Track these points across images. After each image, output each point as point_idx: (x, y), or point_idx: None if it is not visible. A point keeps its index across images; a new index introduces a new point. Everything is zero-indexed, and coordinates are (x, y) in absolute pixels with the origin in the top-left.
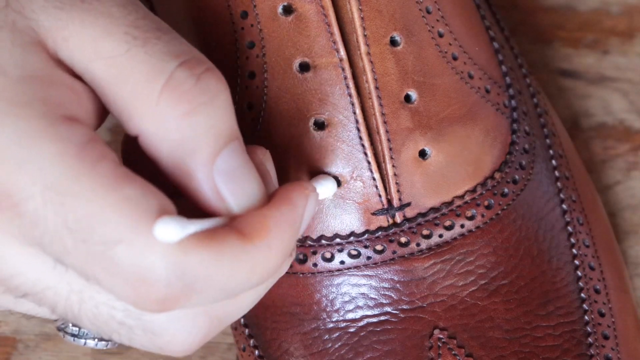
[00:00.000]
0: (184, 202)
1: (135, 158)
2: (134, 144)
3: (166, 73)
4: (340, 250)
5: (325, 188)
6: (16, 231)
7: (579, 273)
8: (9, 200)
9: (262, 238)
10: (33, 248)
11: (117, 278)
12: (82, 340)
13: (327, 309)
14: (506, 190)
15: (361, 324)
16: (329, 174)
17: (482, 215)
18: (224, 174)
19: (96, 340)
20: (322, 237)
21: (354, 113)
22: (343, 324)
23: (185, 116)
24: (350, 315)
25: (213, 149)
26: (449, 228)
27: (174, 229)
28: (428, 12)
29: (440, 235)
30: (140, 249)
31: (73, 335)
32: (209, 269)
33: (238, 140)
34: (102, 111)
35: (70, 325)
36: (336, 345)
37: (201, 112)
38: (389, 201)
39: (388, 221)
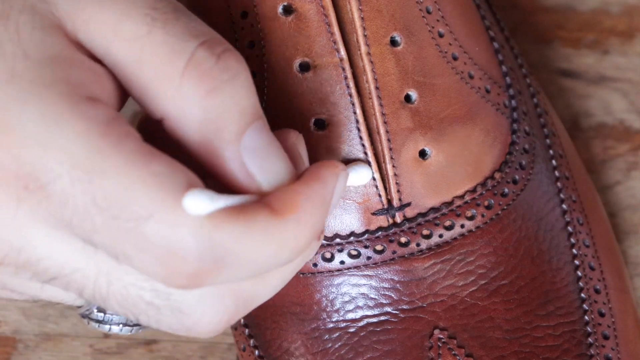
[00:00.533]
0: (211, 183)
1: (152, 143)
2: (150, 128)
3: (187, 53)
4: (340, 250)
5: (359, 174)
6: (44, 214)
7: (579, 273)
8: (37, 182)
9: (292, 213)
10: (61, 231)
11: (147, 254)
12: (107, 326)
13: (327, 309)
14: (506, 190)
15: (361, 324)
16: (359, 161)
17: (482, 215)
18: (251, 151)
19: (121, 325)
20: None
21: (354, 113)
22: (343, 324)
23: (209, 94)
24: (350, 315)
25: (239, 126)
26: (449, 228)
27: (203, 202)
28: (428, 12)
29: (441, 235)
30: (170, 223)
31: (98, 321)
32: (239, 243)
33: (262, 119)
34: (122, 95)
35: (95, 310)
36: (336, 345)
37: (224, 90)
38: (389, 201)
39: (388, 221)
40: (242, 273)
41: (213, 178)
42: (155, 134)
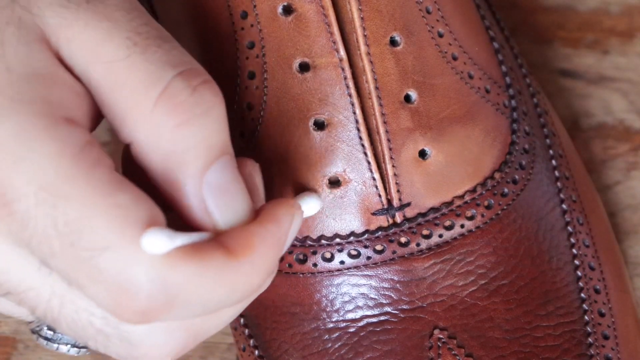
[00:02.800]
0: (174, 215)
1: (135, 167)
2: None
3: (163, 82)
4: (340, 250)
5: (309, 205)
6: (5, 231)
7: (579, 273)
8: (2, 198)
9: (247, 255)
10: (20, 248)
11: (100, 286)
12: (55, 345)
13: (327, 309)
14: (506, 190)
15: (361, 324)
16: (312, 191)
17: (482, 215)
18: (212, 188)
19: (69, 346)
20: (322, 237)
21: (354, 113)
22: (343, 324)
23: (179, 127)
24: (350, 315)
25: (203, 162)
26: (449, 228)
27: (161, 241)
28: (428, 12)
29: (440, 235)
30: (125, 258)
31: (47, 339)
32: (192, 284)
33: (229, 155)
34: (98, 115)
35: (45, 328)
36: (336, 345)
37: (194, 124)
38: (389, 201)
39: (388, 221)
40: (192, 312)
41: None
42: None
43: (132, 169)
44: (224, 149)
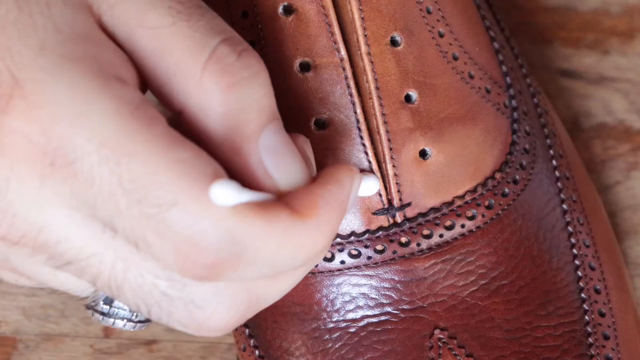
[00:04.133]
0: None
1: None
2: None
3: (209, 48)
4: (341, 250)
5: (368, 184)
6: (68, 193)
7: (580, 273)
8: (64, 159)
9: (312, 215)
10: (81, 213)
11: (167, 242)
12: (111, 320)
13: (328, 309)
14: (507, 190)
15: (361, 324)
16: (367, 171)
17: (483, 215)
18: (269, 150)
19: (125, 320)
20: None
21: (355, 113)
22: (343, 324)
23: (230, 89)
24: (350, 315)
25: (258, 124)
26: (450, 228)
27: (230, 193)
28: (428, 12)
29: (441, 235)
30: (193, 212)
31: (103, 313)
32: (260, 239)
33: (279, 120)
34: (142, 85)
35: (101, 303)
36: (336, 345)
37: (244, 86)
38: (390, 201)
39: (388, 221)
40: (258, 271)
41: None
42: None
43: None
44: (275, 113)
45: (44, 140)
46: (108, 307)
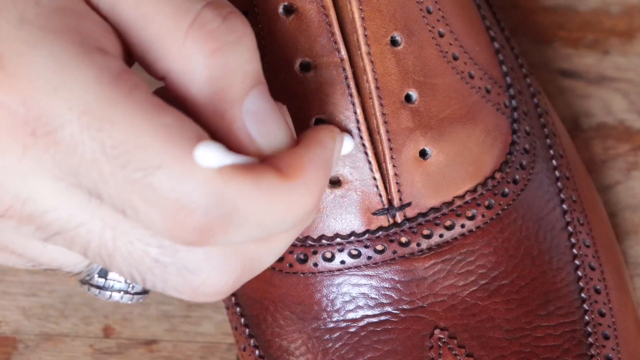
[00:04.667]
0: None
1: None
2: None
3: (193, 13)
4: (341, 250)
5: (345, 144)
6: (50, 162)
7: (580, 273)
8: (45, 128)
9: (298, 176)
10: (66, 182)
11: (154, 206)
12: (108, 293)
13: (328, 309)
14: (507, 190)
15: (362, 323)
16: (345, 131)
17: (483, 215)
18: (253, 114)
19: (122, 292)
20: (322, 236)
21: (355, 113)
22: (344, 324)
23: (214, 54)
24: (350, 315)
25: (242, 88)
26: (450, 228)
27: (215, 155)
28: (428, 12)
29: (441, 235)
30: (180, 175)
31: (98, 287)
32: (248, 201)
33: (263, 84)
34: (127, 57)
35: (96, 276)
36: (337, 345)
37: (228, 51)
38: (390, 201)
39: (389, 221)
40: (248, 234)
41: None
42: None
43: None
44: (259, 77)
45: (23, 110)
46: (103, 280)
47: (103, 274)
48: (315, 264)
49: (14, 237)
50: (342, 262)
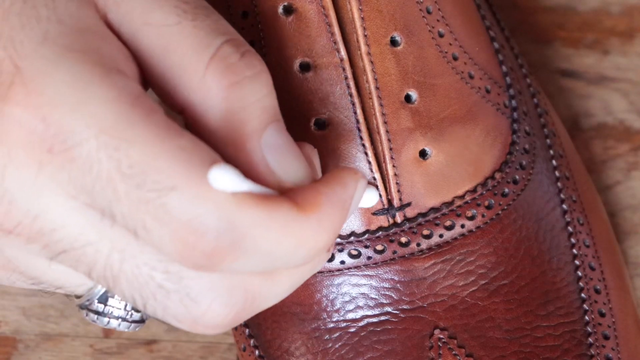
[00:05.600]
0: None
1: None
2: None
3: (213, 47)
4: (341, 250)
5: (369, 195)
6: (65, 180)
7: (579, 273)
8: (62, 145)
9: (314, 211)
10: (79, 200)
11: (166, 228)
12: (106, 319)
13: (328, 309)
14: (506, 190)
15: (361, 324)
16: (370, 183)
17: (483, 215)
18: (272, 148)
19: (120, 320)
20: None
21: (355, 113)
22: (343, 324)
23: (233, 86)
24: (350, 315)
25: (260, 122)
26: (450, 228)
27: (230, 178)
28: (428, 12)
29: (441, 235)
30: (193, 197)
31: (97, 312)
32: (260, 229)
33: (281, 121)
34: (144, 83)
35: (96, 301)
36: (337, 345)
37: (247, 85)
38: (390, 201)
39: (388, 221)
40: (257, 263)
41: None
42: None
43: None
44: (277, 113)
45: (42, 126)
46: (103, 305)
47: (103, 299)
48: None
49: (19, 254)
50: (342, 262)
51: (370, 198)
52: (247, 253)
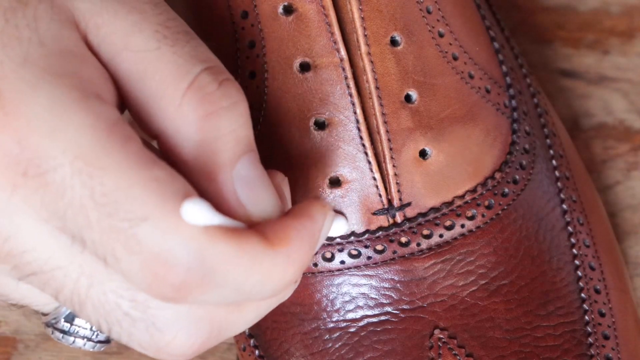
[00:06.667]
0: None
1: None
2: None
3: (191, 75)
4: (341, 250)
5: (337, 224)
6: (38, 204)
7: (579, 273)
8: (37, 169)
9: (283, 246)
10: (50, 224)
11: (137, 258)
12: (71, 339)
13: (328, 309)
14: (506, 190)
15: (361, 323)
16: (338, 212)
17: (483, 215)
18: (243, 180)
19: (85, 340)
20: None
21: (355, 113)
22: (343, 324)
23: (208, 117)
24: (350, 315)
25: (234, 153)
26: (450, 228)
27: (201, 212)
28: (428, 12)
29: (441, 235)
30: (164, 229)
31: (63, 331)
32: (229, 263)
33: (254, 152)
34: (121, 106)
35: (62, 320)
36: (336, 345)
37: (223, 116)
38: (390, 201)
39: (388, 221)
40: (225, 296)
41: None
42: None
43: None
44: (251, 144)
45: (18, 149)
46: (69, 325)
47: (69, 319)
48: (315, 264)
49: None
50: (342, 262)
51: (339, 227)
52: (216, 286)
